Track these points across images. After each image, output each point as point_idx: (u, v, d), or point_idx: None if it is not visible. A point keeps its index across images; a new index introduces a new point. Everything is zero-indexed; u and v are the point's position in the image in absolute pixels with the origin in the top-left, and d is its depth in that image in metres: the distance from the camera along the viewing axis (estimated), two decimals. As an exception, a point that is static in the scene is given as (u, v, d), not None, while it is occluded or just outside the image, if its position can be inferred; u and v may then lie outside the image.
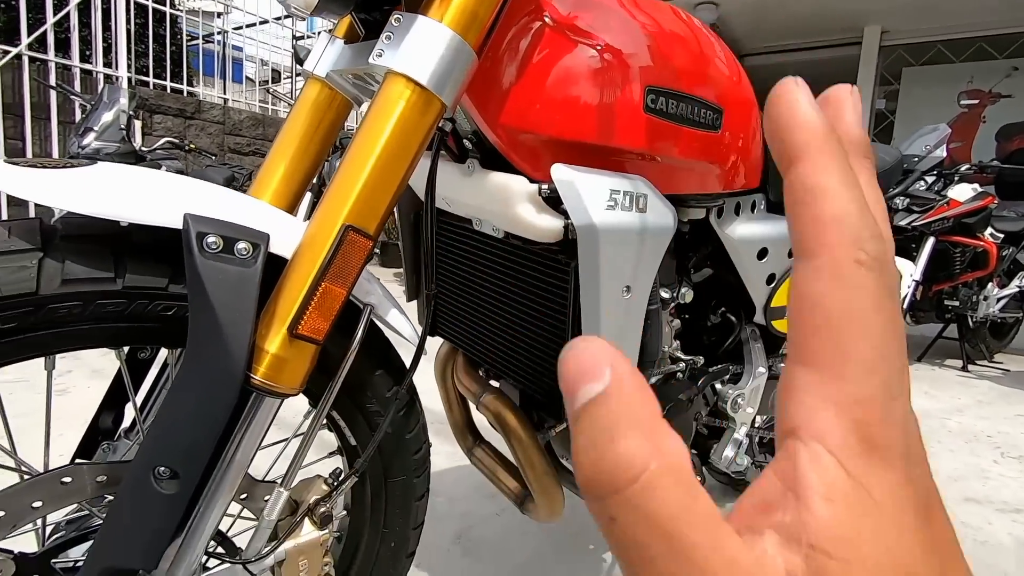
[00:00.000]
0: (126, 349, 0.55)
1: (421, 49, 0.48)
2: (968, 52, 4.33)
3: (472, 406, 0.92)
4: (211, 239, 0.45)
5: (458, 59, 0.49)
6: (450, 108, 0.51)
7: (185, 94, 5.08)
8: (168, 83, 4.93)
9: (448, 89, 0.49)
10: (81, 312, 0.45)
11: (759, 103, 0.83)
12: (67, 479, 0.46)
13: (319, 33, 0.64)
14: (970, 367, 3.22)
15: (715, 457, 1.06)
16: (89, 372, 2.06)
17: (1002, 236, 3.13)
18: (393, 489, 0.70)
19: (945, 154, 2.82)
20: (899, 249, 2.87)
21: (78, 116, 4.19)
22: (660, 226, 0.63)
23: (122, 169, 0.47)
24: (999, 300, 3.18)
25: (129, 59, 4.64)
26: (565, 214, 0.63)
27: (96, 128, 3.01)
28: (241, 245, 0.46)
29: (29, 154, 3.95)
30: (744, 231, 0.91)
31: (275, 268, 0.49)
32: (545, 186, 0.62)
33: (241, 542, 0.60)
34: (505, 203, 0.64)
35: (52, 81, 3.82)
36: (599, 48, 0.61)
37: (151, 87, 4.86)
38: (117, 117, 3.12)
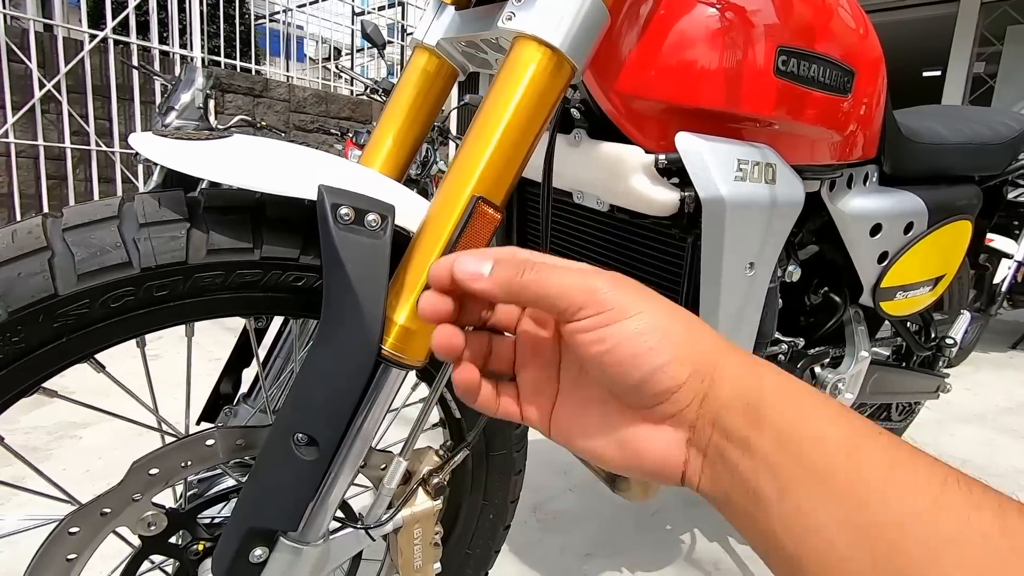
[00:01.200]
0: (252, 319, 0.56)
1: (554, 8, 0.45)
2: (1088, 6, 3.88)
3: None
4: (344, 210, 0.45)
5: (591, 17, 0.47)
6: (580, 71, 0.48)
7: (253, 73, 5.23)
8: (238, 62, 5.08)
9: (581, 51, 0.47)
10: (223, 281, 0.46)
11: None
12: (210, 441, 0.48)
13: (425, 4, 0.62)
14: (1073, 356, 2.95)
15: (810, 443, 1.02)
16: (176, 339, 2.19)
17: (1122, 213, 2.81)
18: (494, 462, 0.70)
19: (1060, 121, 2.54)
20: (1000, 227, 2.64)
21: (158, 96, 4.40)
22: (789, 199, 0.59)
23: (256, 141, 0.48)
24: (1112, 284, 2.88)
25: (202, 40, 4.81)
26: (681, 186, 0.60)
27: (177, 107, 3.15)
28: (371, 217, 0.46)
29: (115, 133, 4.19)
30: (857, 205, 0.85)
31: (396, 242, 0.49)
32: (662, 156, 0.59)
33: (353, 508, 0.62)
34: (617, 175, 0.62)
35: (135, 62, 4.01)
36: (724, 5, 0.57)
37: (223, 67, 5.04)
38: (195, 97, 3.25)
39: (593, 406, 0.30)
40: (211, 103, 4.58)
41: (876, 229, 0.88)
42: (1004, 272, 2.54)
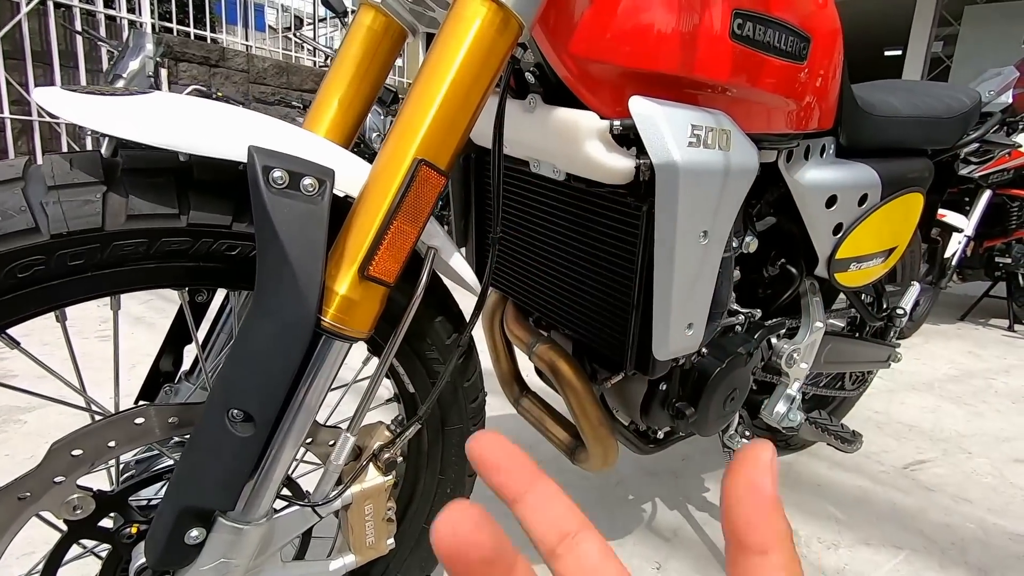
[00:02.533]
0: (187, 291, 0.53)
1: (498, -39, 0.43)
2: (1040, -12, 3.98)
3: (520, 355, 0.90)
4: (277, 173, 0.42)
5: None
6: (527, 29, 0.46)
7: (209, 41, 4.99)
8: (192, 29, 4.84)
9: (528, 6, 0.45)
10: (147, 250, 0.43)
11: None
12: (140, 420, 0.46)
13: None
14: (1016, 327, 3.10)
15: (765, 412, 1.04)
16: (132, 319, 2.11)
17: (1064, 190, 2.94)
18: (450, 437, 0.69)
19: (1011, 100, 2.63)
20: (951, 203, 2.73)
21: (105, 64, 4.16)
22: (743, 166, 0.58)
23: (181, 99, 0.44)
24: (1054, 258, 3.02)
25: (152, 5, 4.56)
26: (636, 153, 0.59)
27: (124, 75, 2.98)
28: (307, 181, 0.43)
29: (60, 103, 3.95)
30: (813, 177, 0.85)
31: (337, 208, 0.46)
32: (617, 122, 0.57)
33: (302, 486, 0.60)
34: (571, 142, 0.60)
35: (78, 27, 3.78)
36: (681, -34, 0.55)
37: (175, 33, 4.79)
38: (144, 64, 3.08)
39: None
40: (163, 72, 4.37)
41: (831, 201, 0.88)
42: (954, 247, 2.63)
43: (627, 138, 0.58)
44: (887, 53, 6.57)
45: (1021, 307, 3.16)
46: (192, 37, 4.87)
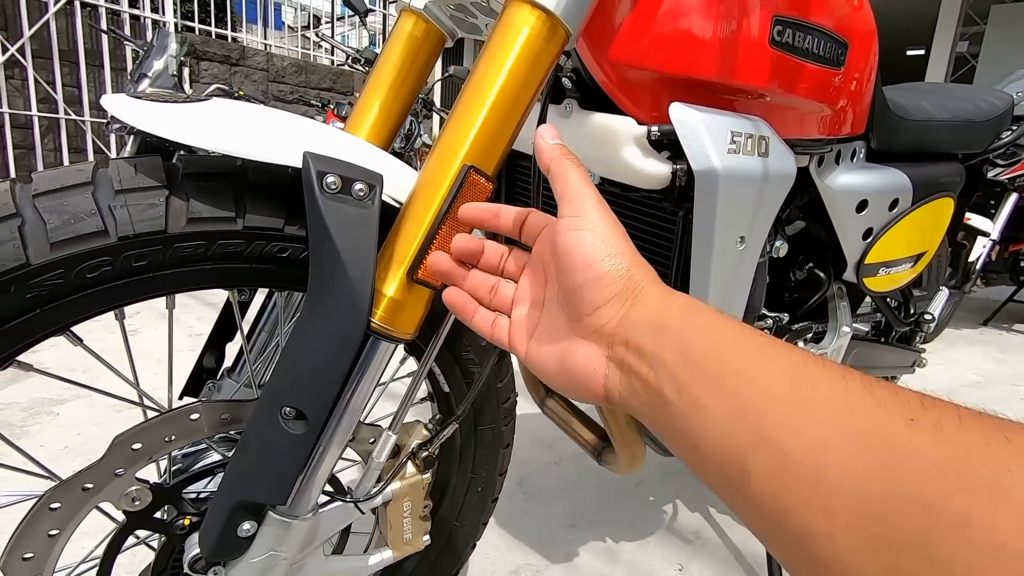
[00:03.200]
0: (236, 291, 0.55)
1: (548, -28, 0.44)
2: (1070, -13, 3.90)
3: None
4: (330, 179, 0.43)
5: (586, -17, 0.45)
6: (574, 37, 0.47)
7: (230, 40, 5.06)
8: (213, 28, 4.91)
9: (576, 15, 0.46)
10: (204, 252, 0.44)
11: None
12: (195, 416, 0.47)
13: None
14: (1042, 333, 3.05)
15: (791, 416, 1.04)
16: (156, 315, 2.15)
17: (1093, 193, 2.88)
18: (483, 436, 0.70)
19: (1039, 102, 2.58)
20: (977, 206, 2.69)
21: (129, 63, 4.23)
22: (781, 172, 0.59)
23: (237, 105, 0.46)
24: (1081, 263, 2.96)
25: (175, 4, 4.63)
26: (673, 159, 0.59)
27: (149, 75, 3.03)
28: (358, 186, 0.45)
29: (85, 101, 4.03)
30: (845, 181, 0.85)
31: (383, 212, 0.47)
32: (655, 128, 0.58)
33: (342, 482, 0.61)
34: (608, 147, 0.61)
35: (103, 26, 3.84)
36: (721, -27, 0.56)
37: (197, 33, 4.86)
38: (168, 63, 3.13)
39: (555, 329, 0.36)
40: (185, 71, 4.43)
41: (862, 205, 0.88)
42: (979, 250, 2.59)
43: (663, 144, 0.59)
44: (909, 53, 6.48)
45: (1047, 312, 3.11)
46: (213, 36, 4.93)
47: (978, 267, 2.61)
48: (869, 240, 0.93)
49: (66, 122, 3.94)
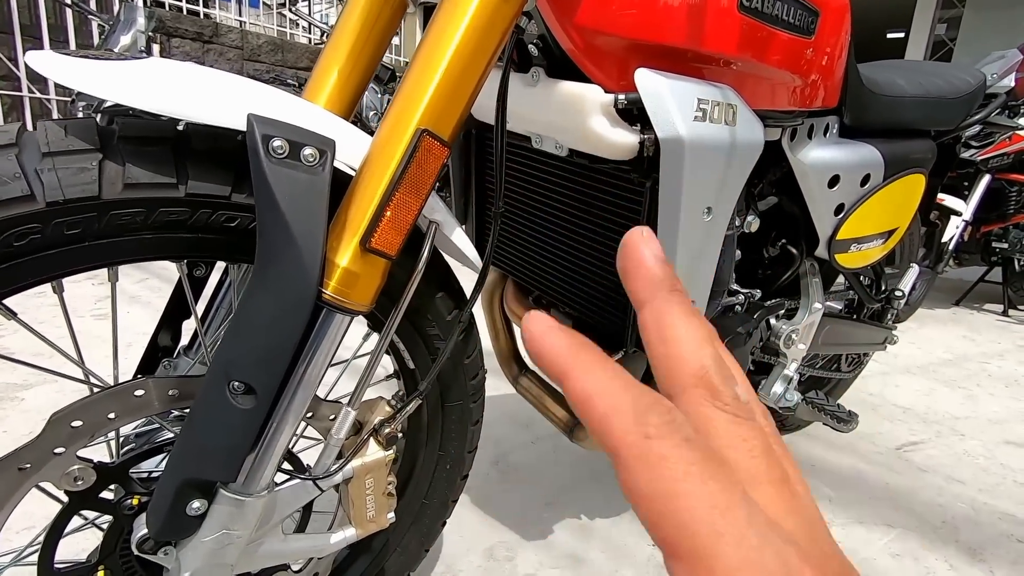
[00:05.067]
0: (186, 264, 0.52)
1: (505, -76, 0.42)
2: (1046, -30, 3.93)
3: (519, 333, 0.90)
4: (277, 143, 0.41)
5: (545, -63, 0.43)
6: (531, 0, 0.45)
7: (201, 16, 4.90)
8: (184, 3, 4.75)
9: (532, -27, 0.44)
10: (144, 220, 0.42)
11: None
12: (139, 392, 0.45)
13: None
14: (1011, 312, 3.12)
15: (763, 393, 1.05)
16: (128, 298, 2.10)
17: (1063, 174, 2.94)
18: (450, 413, 0.69)
19: (1014, 83, 2.61)
20: (950, 187, 2.72)
21: (96, 38, 4.08)
22: (749, 141, 0.58)
23: (178, 65, 0.43)
24: (1051, 243, 3.03)
25: (143, -23, 4.45)
26: (641, 128, 0.58)
27: (116, 50, 2.93)
28: (308, 151, 0.43)
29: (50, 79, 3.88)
30: (817, 156, 0.85)
31: (337, 180, 0.46)
32: (622, 96, 0.56)
33: (301, 460, 0.60)
34: (575, 116, 0.59)
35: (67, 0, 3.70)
36: (690, -66, 0.54)
37: (167, 8, 4.69)
38: (135, 39, 3.02)
39: None
40: (155, 47, 4.29)
41: (834, 181, 0.88)
42: (952, 231, 2.63)
43: (631, 113, 0.57)
44: (889, 35, 6.51)
45: (1016, 292, 3.18)
46: (184, 12, 4.77)
47: (951, 248, 2.66)
48: (841, 216, 0.93)
49: (30, 100, 3.80)
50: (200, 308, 0.64)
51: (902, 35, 5.28)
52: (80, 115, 3.78)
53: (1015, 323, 2.96)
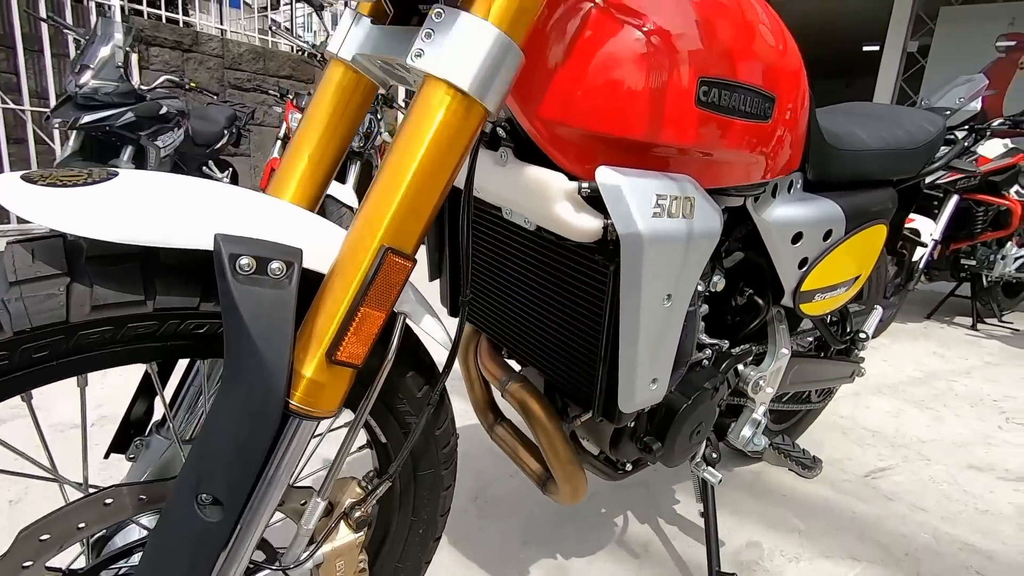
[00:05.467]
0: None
1: (464, 51, 0.43)
2: (1013, -9, 4.05)
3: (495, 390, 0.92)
4: (244, 261, 0.42)
5: (504, 60, 0.45)
6: (493, 113, 0.47)
7: (181, 24, 4.84)
8: (163, 12, 4.69)
9: (493, 94, 0.45)
10: (112, 336, 0.43)
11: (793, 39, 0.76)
12: (109, 500, 0.46)
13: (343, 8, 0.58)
14: (979, 326, 3.22)
15: (732, 436, 1.07)
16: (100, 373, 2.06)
17: (1028, 193, 3.04)
18: (422, 481, 0.70)
19: (979, 107, 2.69)
20: (921, 208, 2.80)
21: (71, 48, 4.02)
22: (706, 231, 0.60)
23: (144, 181, 0.44)
24: (1017, 259, 3.13)
25: (121, -15, 4.39)
26: (605, 213, 0.60)
27: (92, 66, 2.89)
28: (275, 265, 0.44)
29: (24, 89, 3.81)
30: (780, 214, 0.87)
31: (307, 281, 0.47)
32: (585, 184, 0.59)
33: (273, 538, 0.61)
34: (541, 200, 0.61)
35: (42, 12, 3.63)
36: (649, 35, 0.56)
37: (145, 16, 4.64)
38: (113, 53, 2.99)
39: None
40: (133, 57, 4.23)
41: (797, 237, 0.91)
42: (922, 251, 2.70)
43: (596, 198, 0.59)
44: (865, 48, 6.64)
45: (984, 306, 3.28)
46: (163, 20, 4.72)
47: (921, 265, 2.73)
48: (804, 269, 0.96)
49: (3, 111, 3.73)
50: (173, 384, 0.65)
51: (877, 48, 5.41)
52: (56, 131, 3.71)
53: (983, 337, 3.05)
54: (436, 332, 0.59)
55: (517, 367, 0.92)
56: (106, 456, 0.62)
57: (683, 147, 0.59)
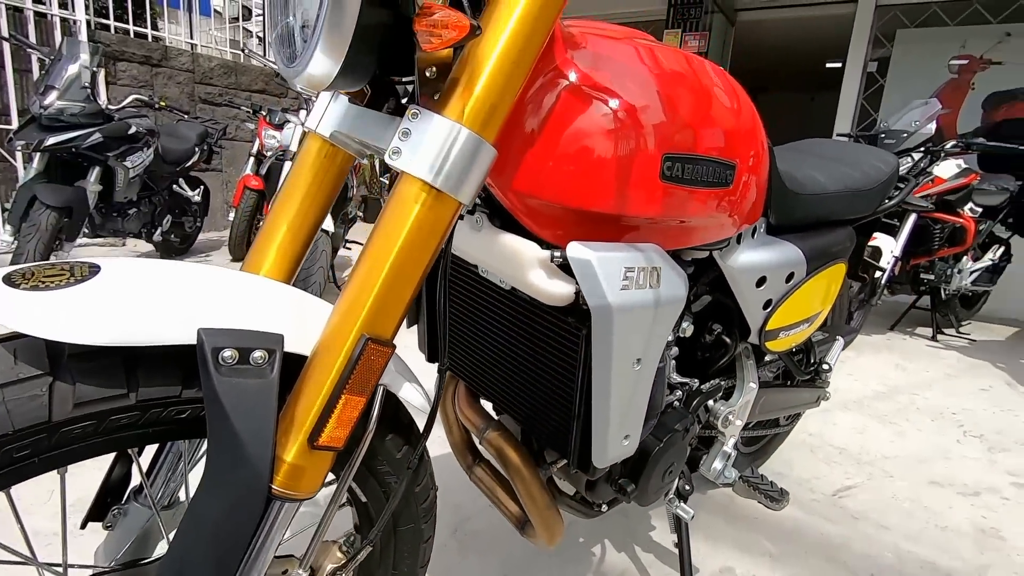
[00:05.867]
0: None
1: (438, 152, 0.46)
2: (963, 15, 4.25)
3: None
4: (227, 353, 0.44)
5: (477, 158, 0.47)
6: (468, 205, 0.49)
7: (150, 39, 4.77)
8: (131, 27, 4.61)
9: (467, 188, 0.48)
10: (95, 429, 0.44)
11: (752, 60, 0.80)
12: (91, 588, 0.47)
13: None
14: (939, 336, 3.35)
15: (703, 468, 1.11)
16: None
17: (980, 211, 3.19)
18: (402, 536, 0.72)
19: (934, 130, 2.82)
20: (882, 226, 2.91)
21: (34, 64, 3.92)
22: (672, 297, 0.63)
23: (127, 276, 0.45)
24: (972, 273, 3.28)
25: (87, 1, 4.31)
26: (576, 280, 0.63)
27: (58, 86, 2.83)
28: (257, 354, 0.45)
29: (-15, 107, 3.70)
30: (745, 260, 0.91)
31: (290, 363, 0.48)
32: (557, 253, 0.61)
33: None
34: (515, 266, 0.63)
35: (4, 31, 3.55)
36: (616, 113, 0.59)
37: (112, 31, 4.55)
38: (80, 73, 2.93)
39: None
40: (100, 75, 4.15)
41: (761, 281, 0.95)
42: (884, 265, 2.81)
43: (568, 266, 0.62)
44: (828, 65, 6.88)
45: (943, 317, 3.42)
46: (132, 35, 4.64)
47: (883, 281, 2.84)
48: (768, 310, 1.00)
49: (-37, 130, 3.61)
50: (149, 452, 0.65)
51: (839, 65, 5.61)
52: (18, 152, 3.60)
53: (943, 348, 3.17)
54: (415, 399, 0.61)
55: (493, 409, 0.94)
56: (83, 526, 0.62)
57: (650, 218, 0.63)
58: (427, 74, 0.47)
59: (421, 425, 0.64)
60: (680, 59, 0.67)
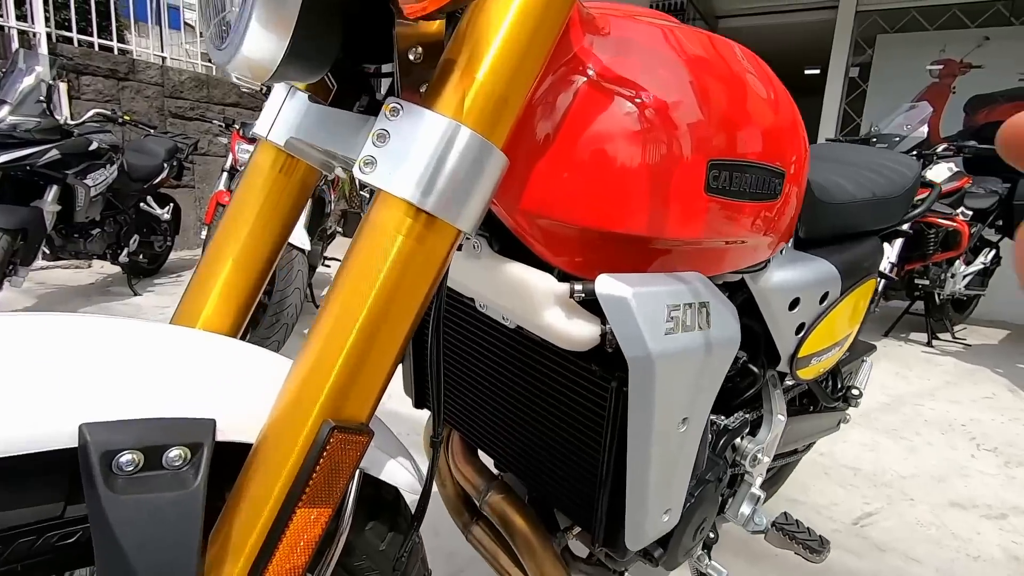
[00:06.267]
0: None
1: (428, 161, 0.32)
2: (942, 20, 4.27)
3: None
4: (125, 457, 0.30)
5: (484, 169, 0.34)
6: (471, 232, 0.36)
7: (116, 51, 4.57)
8: (96, 39, 4.41)
9: (469, 212, 0.35)
10: (-73, 578, 0.30)
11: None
12: None
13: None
14: (934, 342, 3.29)
15: (730, 513, 0.98)
16: None
17: (971, 213, 3.15)
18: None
19: (926, 134, 2.77)
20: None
21: (-11, 79, 3.71)
22: (725, 339, 0.51)
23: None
24: (965, 277, 3.23)
25: (47, 11, 4.12)
26: (602, 316, 0.50)
27: (10, 101, 2.64)
28: (173, 453, 0.31)
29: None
30: (777, 281, 0.80)
31: (227, 454, 0.35)
32: (579, 287, 0.48)
33: None
34: (525, 302, 0.50)
35: (-47, 42, 3.34)
36: (651, 114, 0.46)
37: (76, 44, 4.35)
38: (36, 86, 2.75)
39: None
40: (63, 87, 3.95)
41: (795, 303, 0.84)
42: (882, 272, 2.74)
43: (592, 301, 0.49)
44: (807, 72, 6.92)
45: (938, 322, 3.37)
46: (96, 48, 4.44)
47: (879, 289, 2.77)
48: (801, 335, 0.88)
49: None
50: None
51: (818, 71, 5.61)
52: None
53: (939, 354, 3.11)
54: (403, 479, 0.47)
55: (495, 464, 0.81)
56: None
57: (692, 240, 0.50)
58: (411, 56, 0.35)
59: (411, 489, 0.50)
60: (707, 42, 0.55)
